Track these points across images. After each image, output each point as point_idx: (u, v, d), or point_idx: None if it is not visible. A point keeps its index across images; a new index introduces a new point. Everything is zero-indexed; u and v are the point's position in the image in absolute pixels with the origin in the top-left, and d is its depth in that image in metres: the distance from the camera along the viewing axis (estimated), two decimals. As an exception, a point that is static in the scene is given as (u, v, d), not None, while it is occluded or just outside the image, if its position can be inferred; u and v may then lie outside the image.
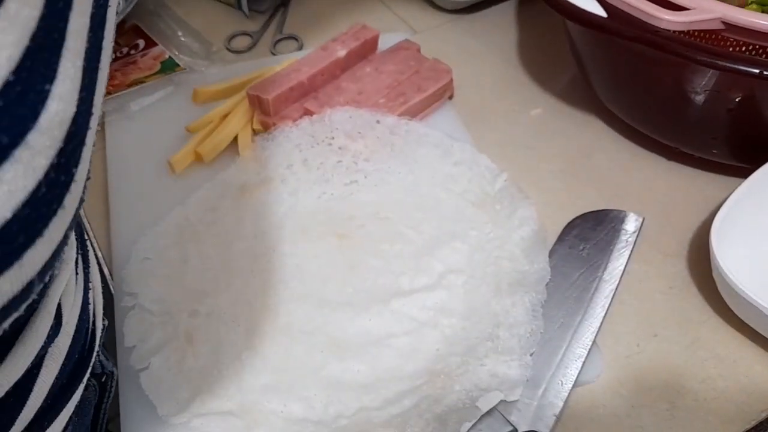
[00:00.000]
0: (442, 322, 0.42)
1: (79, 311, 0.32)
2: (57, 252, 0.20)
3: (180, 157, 0.53)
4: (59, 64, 0.18)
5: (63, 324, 0.29)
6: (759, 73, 0.40)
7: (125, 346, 0.42)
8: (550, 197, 0.52)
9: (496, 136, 0.57)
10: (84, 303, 0.32)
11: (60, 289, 0.28)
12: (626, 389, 0.41)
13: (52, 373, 0.29)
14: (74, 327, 0.31)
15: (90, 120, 0.20)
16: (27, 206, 0.17)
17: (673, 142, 0.53)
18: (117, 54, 0.64)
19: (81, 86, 0.19)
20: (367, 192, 0.50)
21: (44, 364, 0.29)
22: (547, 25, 0.68)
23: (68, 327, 0.30)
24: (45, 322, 0.27)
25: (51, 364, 0.29)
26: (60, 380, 0.30)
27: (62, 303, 0.29)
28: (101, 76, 0.21)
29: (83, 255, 0.33)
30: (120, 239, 0.49)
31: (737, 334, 0.43)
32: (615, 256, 0.46)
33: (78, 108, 0.19)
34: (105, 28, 0.21)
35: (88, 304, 0.34)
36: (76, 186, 0.20)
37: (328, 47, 0.58)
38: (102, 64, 0.21)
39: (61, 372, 0.30)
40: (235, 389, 0.40)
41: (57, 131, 0.18)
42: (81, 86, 0.19)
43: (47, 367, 0.29)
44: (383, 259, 0.46)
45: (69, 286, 0.30)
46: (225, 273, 0.46)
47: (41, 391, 0.28)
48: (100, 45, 0.21)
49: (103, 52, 0.21)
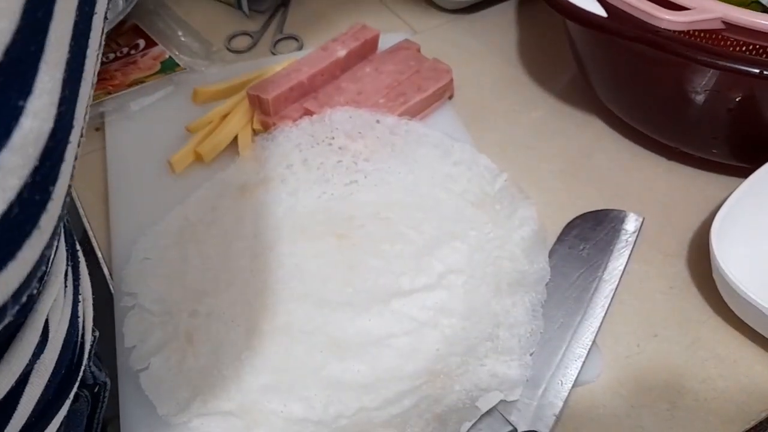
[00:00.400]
0: (442, 322, 0.42)
1: (67, 325, 0.31)
2: (32, 273, 0.19)
3: (180, 157, 0.53)
4: (36, 78, 0.17)
5: (50, 339, 0.28)
6: (759, 72, 0.40)
7: (125, 346, 0.42)
8: (550, 197, 0.52)
9: (496, 136, 0.57)
10: (72, 317, 0.32)
11: (48, 305, 0.27)
12: (626, 389, 0.41)
13: (38, 389, 0.28)
14: (61, 342, 0.30)
15: (70, 134, 0.19)
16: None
17: (673, 142, 0.53)
18: (117, 54, 0.64)
19: (60, 99, 0.18)
20: (367, 192, 0.50)
21: (30, 381, 0.28)
22: (547, 24, 0.68)
23: (55, 342, 0.29)
24: (31, 339, 0.26)
25: (37, 380, 0.28)
26: (46, 395, 0.29)
27: (50, 318, 0.28)
28: (85, 86, 0.20)
29: (74, 267, 0.32)
30: (120, 239, 0.49)
31: (737, 334, 0.43)
32: (615, 256, 0.46)
33: (56, 123, 0.18)
34: (90, 37, 0.20)
35: (77, 318, 0.33)
36: (53, 204, 0.19)
37: (328, 47, 0.58)
38: (86, 74, 0.20)
39: (47, 387, 0.29)
40: (235, 389, 0.40)
41: (31, 149, 0.17)
42: (60, 99, 0.18)
43: (33, 384, 0.28)
44: (383, 259, 0.46)
45: (57, 300, 0.29)
46: (225, 273, 0.46)
47: (26, 408, 0.28)
48: (84, 54, 0.20)
49: (87, 61, 0.20)
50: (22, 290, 0.19)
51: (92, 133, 0.59)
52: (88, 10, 0.19)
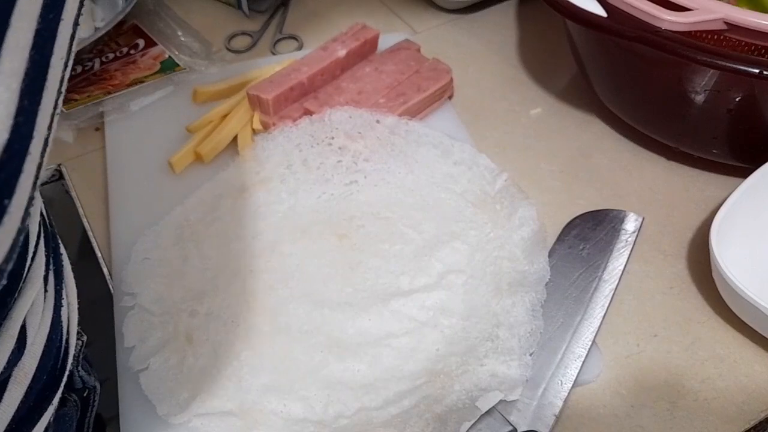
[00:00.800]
0: (442, 322, 0.42)
1: (48, 331, 0.30)
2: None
3: (180, 157, 0.53)
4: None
5: (28, 345, 0.28)
6: (759, 72, 0.40)
7: (125, 346, 0.42)
8: (550, 197, 0.52)
9: (496, 136, 0.57)
10: (55, 322, 0.31)
11: (23, 311, 0.27)
12: (626, 389, 0.41)
13: (17, 397, 0.28)
14: (42, 348, 0.29)
15: (29, 145, 0.19)
16: None
17: (673, 142, 0.53)
18: (116, 54, 0.64)
19: (17, 110, 0.17)
20: (367, 192, 0.50)
21: (8, 388, 0.27)
22: (547, 24, 0.68)
23: (34, 348, 0.29)
24: (6, 346, 0.26)
25: (15, 387, 0.27)
26: (27, 401, 0.29)
27: (27, 323, 0.27)
28: (48, 95, 0.19)
29: (56, 271, 0.32)
30: (120, 239, 0.49)
31: (737, 334, 0.43)
32: (615, 256, 0.46)
33: (12, 134, 0.17)
34: (55, 44, 0.19)
35: (60, 323, 0.32)
36: (10, 218, 0.18)
37: (328, 47, 0.58)
38: (49, 83, 0.19)
39: (28, 395, 0.28)
40: (234, 389, 0.40)
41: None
42: (17, 110, 0.17)
43: (11, 391, 0.27)
44: (383, 259, 0.46)
45: (36, 306, 0.28)
46: (225, 273, 0.46)
47: (5, 416, 0.27)
48: (47, 63, 0.19)
49: (51, 70, 0.19)
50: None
51: (92, 133, 0.59)
52: (53, 17, 0.19)
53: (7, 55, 0.17)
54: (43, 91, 0.19)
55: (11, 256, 0.20)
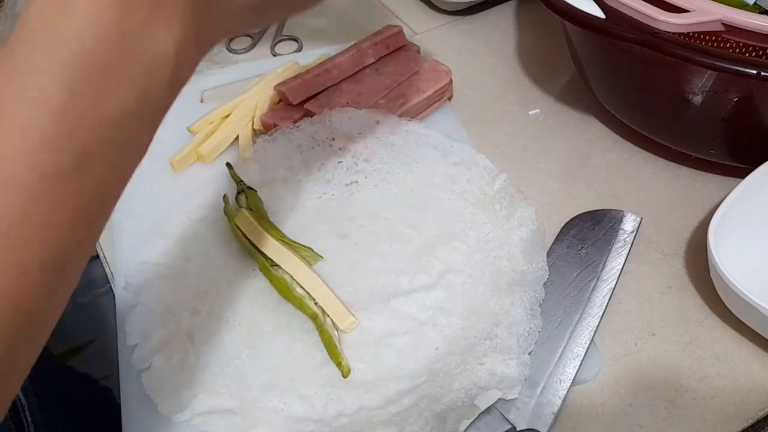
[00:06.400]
0: (442, 321, 0.43)
1: None
2: None
3: (181, 158, 0.54)
4: None
5: None
6: (756, 74, 0.40)
7: (127, 344, 0.43)
8: (549, 197, 0.52)
9: (495, 136, 0.57)
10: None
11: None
12: (624, 388, 0.41)
13: None
14: None
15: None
16: None
17: (671, 143, 0.53)
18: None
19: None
20: (367, 192, 0.50)
21: None
22: (545, 26, 0.68)
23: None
24: None
25: None
26: None
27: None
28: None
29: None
30: (122, 239, 0.49)
31: (735, 333, 0.43)
32: (613, 256, 0.47)
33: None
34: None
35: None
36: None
37: (361, 50, 0.58)
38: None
39: None
40: (236, 387, 0.40)
41: None
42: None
43: None
44: (383, 258, 0.46)
45: None
46: (226, 272, 0.46)
47: None
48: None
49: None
50: None
51: (93, 133, 0.59)
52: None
53: None
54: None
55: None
